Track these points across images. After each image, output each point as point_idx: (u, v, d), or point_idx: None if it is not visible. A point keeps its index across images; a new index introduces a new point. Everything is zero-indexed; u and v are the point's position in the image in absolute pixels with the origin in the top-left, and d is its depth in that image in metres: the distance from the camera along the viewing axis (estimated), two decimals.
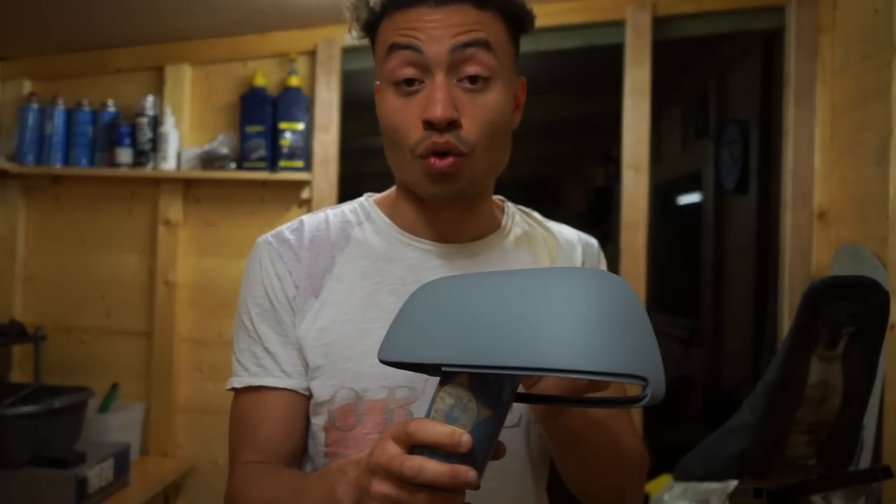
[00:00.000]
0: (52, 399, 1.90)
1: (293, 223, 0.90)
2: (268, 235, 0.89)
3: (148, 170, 2.34)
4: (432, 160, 0.78)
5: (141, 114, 2.33)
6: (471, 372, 0.58)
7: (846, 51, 1.96)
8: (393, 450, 0.58)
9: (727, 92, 3.24)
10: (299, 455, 0.87)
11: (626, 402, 0.58)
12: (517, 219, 0.95)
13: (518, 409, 0.86)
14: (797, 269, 2.07)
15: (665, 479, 1.70)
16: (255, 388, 0.85)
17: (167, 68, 2.39)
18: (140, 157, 2.34)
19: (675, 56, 2.86)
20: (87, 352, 2.45)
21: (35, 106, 2.36)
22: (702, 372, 3.41)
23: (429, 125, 0.77)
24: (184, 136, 2.39)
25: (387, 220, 0.90)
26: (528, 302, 0.56)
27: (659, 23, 2.19)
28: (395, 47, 0.79)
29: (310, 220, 0.91)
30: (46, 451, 1.87)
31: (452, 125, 0.77)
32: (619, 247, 2.19)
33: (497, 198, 0.95)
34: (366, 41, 0.87)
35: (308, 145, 2.34)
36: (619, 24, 2.21)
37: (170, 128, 2.33)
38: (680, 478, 1.53)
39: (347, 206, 0.93)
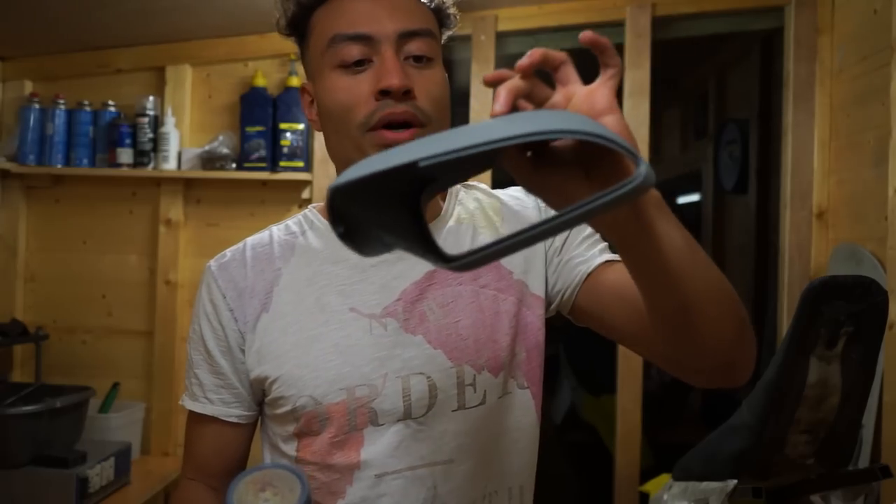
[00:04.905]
0: (54, 398, 1.90)
1: (237, 245, 0.91)
2: (212, 261, 0.91)
3: (149, 170, 2.34)
4: (385, 133, 0.78)
5: (142, 114, 2.33)
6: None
7: (845, 51, 1.96)
8: None
9: (727, 92, 3.24)
10: (235, 470, 0.89)
11: (623, 189, 0.48)
12: (461, 196, 0.93)
13: (481, 387, 0.84)
14: (796, 268, 2.08)
15: (664, 479, 1.70)
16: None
17: (168, 69, 2.39)
18: (141, 158, 2.34)
19: (675, 56, 2.86)
20: (89, 351, 2.45)
21: (36, 106, 2.36)
22: None
23: (384, 95, 0.77)
24: (184, 136, 2.40)
25: (328, 224, 0.89)
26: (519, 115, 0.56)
27: (658, 23, 2.19)
28: (340, 38, 0.79)
29: (253, 239, 0.91)
30: (47, 450, 1.87)
31: (408, 95, 0.77)
32: None
33: None
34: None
35: (308, 145, 2.34)
36: (618, 25, 2.21)
37: (170, 128, 2.33)
38: (679, 477, 1.53)
39: (291, 220, 0.93)
